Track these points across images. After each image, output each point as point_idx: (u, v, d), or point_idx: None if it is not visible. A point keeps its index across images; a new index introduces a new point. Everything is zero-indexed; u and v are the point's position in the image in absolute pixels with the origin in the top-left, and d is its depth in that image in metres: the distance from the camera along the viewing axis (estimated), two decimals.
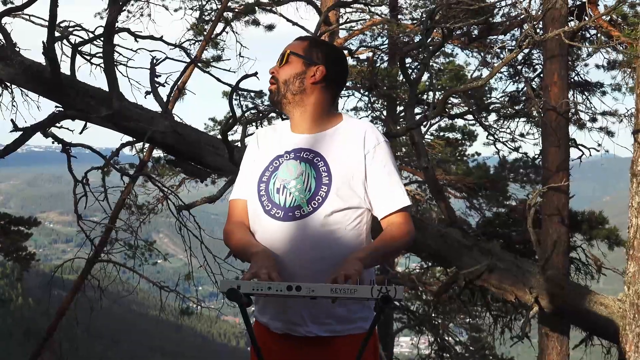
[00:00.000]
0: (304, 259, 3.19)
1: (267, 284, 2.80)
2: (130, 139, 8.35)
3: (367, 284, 2.91)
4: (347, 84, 16.55)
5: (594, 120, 14.32)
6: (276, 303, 3.25)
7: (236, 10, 14.73)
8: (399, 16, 16.90)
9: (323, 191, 3.32)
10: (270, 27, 15.86)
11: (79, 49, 8.35)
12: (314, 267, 3.18)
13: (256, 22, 15.47)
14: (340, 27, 14.67)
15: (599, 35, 11.96)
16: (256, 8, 14.57)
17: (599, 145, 12.97)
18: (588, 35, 12.72)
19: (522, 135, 15.24)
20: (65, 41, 8.88)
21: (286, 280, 3.08)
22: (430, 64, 11.45)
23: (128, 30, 8.76)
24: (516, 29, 13.36)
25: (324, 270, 3.09)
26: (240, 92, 11.74)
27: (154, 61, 8.41)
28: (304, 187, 3.33)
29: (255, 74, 7.30)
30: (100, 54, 8.31)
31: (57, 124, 7.90)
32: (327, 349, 3.29)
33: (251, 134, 9.04)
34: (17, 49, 7.79)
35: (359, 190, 3.37)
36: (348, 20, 14.86)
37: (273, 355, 3.30)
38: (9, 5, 11.50)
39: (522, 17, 12.57)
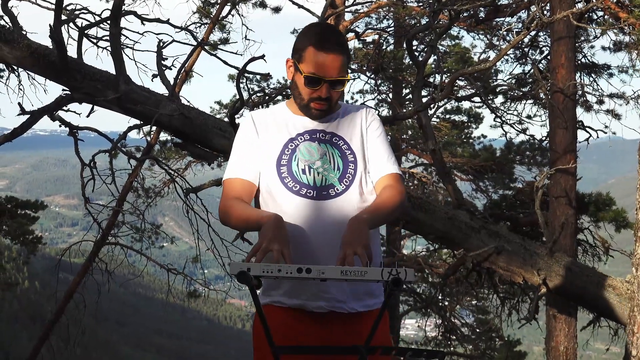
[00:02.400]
0: (337, 237, 3.12)
1: (277, 266, 2.76)
2: (137, 122, 8.33)
3: (376, 259, 2.92)
4: (353, 67, 16.55)
5: (601, 102, 14.30)
6: (317, 284, 3.25)
7: None
8: None
9: (352, 169, 3.40)
10: (277, 10, 15.85)
11: (86, 32, 8.32)
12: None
13: (263, 5, 15.46)
14: (346, 9, 14.64)
15: (606, 17, 11.92)
16: None
17: (606, 127, 12.95)
18: (595, 17, 12.67)
19: (529, 117, 15.23)
20: (72, 24, 8.86)
21: (308, 255, 3.16)
22: (437, 46, 11.42)
23: (135, 13, 8.71)
24: (523, 11, 13.33)
25: None
26: (247, 74, 11.74)
27: (161, 44, 8.40)
28: (331, 166, 3.38)
29: (262, 57, 7.29)
30: (107, 37, 8.27)
31: (64, 108, 7.90)
32: (358, 323, 3.34)
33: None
34: (24, 32, 7.77)
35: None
36: (354, 2, 14.84)
37: (301, 335, 3.33)
38: None
39: None
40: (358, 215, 3.18)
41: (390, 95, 18.29)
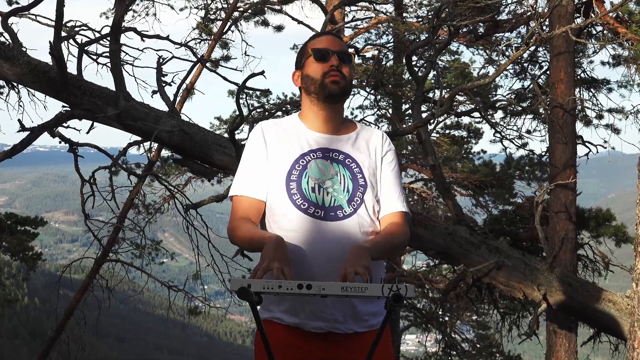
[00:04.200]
0: (340, 259, 3.11)
1: (277, 282, 2.76)
2: (137, 138, 8.33)
3: (377, 280, 2.90)
4: (353, 82, 16.57)
5: (600, 117, 14.31)
6: (317, 303, 3.24)
7: (242, 10, 14.74)
8: (404, 14, 16.89)
9: (360, 192, 3.38)
10: (279, 28, 15.91)
11: (86, 48, 8.33)
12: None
13: (265, 23, 15.51)
14: (345, 25, 14.68)
15: (605, 32, 11.94)
16: (265, 9, 14.59)
17: (605, 142, 12.94)
18: (594, 32, 12.70)
19: (528, 132, 15.25)
20: (71, 41, 8.88)
21: (307, 274, 3.12)
22: (437, 61, 11.47)
23: (134, 30, 8.73)
24: (522, 26, 13.35)
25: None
26: (246, 90, 11.75)
27: (161, 60, 8.40)
28: (341, 187, 3.35)
29: (262, 73, 7.30)
30: (107, 54, 8.28)
31: (64, 124, 7.89)
32: (359, 342, 3.31)
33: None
34: (24, 49, 7.78)
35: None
36: (353, 18, 14.88)
37: (300, 353, 3.31)
38: (15, 6, 11.53)
39: (528, 14, 12.56)
40: (361, 244, 3.17)
41: (390, 110, 18.27)
